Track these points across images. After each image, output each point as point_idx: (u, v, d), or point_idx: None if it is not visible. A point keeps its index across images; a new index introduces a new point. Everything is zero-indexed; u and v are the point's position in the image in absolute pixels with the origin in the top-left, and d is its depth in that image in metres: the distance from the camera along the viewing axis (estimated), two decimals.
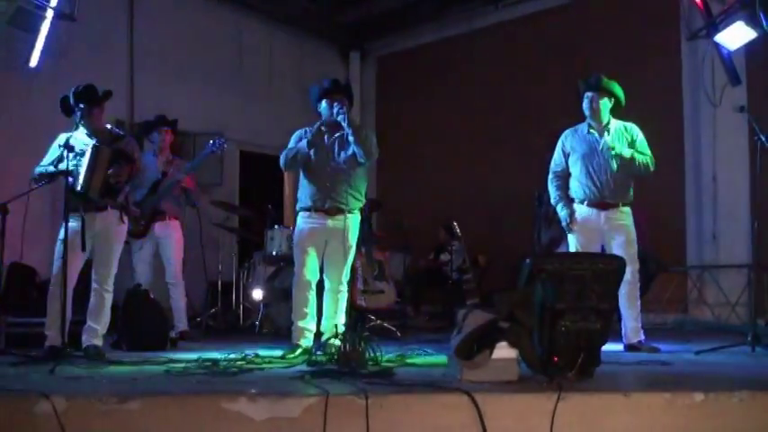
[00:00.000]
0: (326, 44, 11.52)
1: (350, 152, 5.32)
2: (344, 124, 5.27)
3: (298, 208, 5.48)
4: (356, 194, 5.39)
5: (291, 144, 5.45)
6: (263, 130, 9.97)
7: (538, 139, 7.18)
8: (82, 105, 5.06)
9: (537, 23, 9.70)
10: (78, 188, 4.91)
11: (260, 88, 10.40)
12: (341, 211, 5.30)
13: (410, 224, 8.29)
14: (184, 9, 9.52)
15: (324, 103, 5.39)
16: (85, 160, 4.97)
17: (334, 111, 5.28)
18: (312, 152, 5.35)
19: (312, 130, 5.40)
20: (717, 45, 7.96)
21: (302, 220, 5.41)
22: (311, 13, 10.79)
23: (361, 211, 5.53)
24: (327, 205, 5.30)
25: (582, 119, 5.70)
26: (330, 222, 5.31)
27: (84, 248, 4.84)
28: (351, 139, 5.27)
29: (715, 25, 7.88)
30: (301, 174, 5.49)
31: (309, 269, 5.34)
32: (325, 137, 5.40)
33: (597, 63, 8.16)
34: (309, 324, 5.37)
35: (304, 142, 5.34)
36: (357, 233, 5.44)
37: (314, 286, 5.39)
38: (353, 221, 5.37)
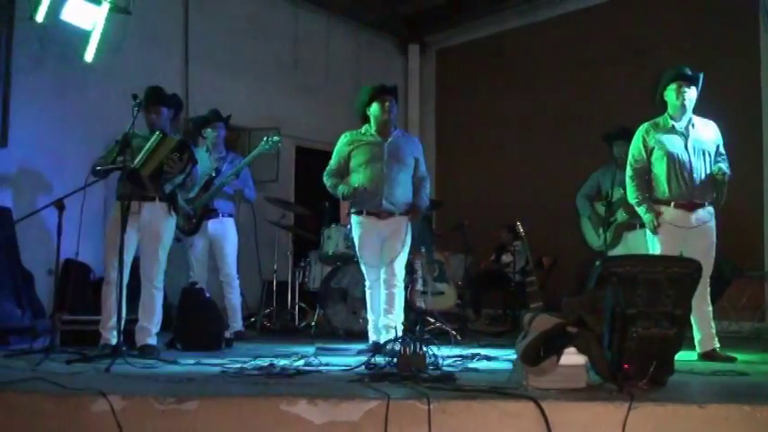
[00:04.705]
0: (385, 36, 11.30)
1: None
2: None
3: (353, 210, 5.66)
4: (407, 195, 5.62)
5: (333, 161, 5.64)
6: (320, 125, 9.79)
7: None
8: (149, 104, 5.06)
9: (604, 16, 9.37)
10: (133, 164, 4.77)
11: (316, 82, 10.22)
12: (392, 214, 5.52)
13: (471, 224, 8.04)
14: (239, 1, 9.44)
15: (375, 105, 5.52)
16: (148, 144, 4.87)
17: None
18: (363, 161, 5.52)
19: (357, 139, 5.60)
20: None
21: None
22: (369, 5, 10.58)
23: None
24: (383, 208, 5.47)
25: (651, 114, 5.36)
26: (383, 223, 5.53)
27: (123, 229, 4.62)
28: None
29: None
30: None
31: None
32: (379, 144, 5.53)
33: (668, 56, 7.81)
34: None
35: (342, 187, 5.48)
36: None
37: None
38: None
